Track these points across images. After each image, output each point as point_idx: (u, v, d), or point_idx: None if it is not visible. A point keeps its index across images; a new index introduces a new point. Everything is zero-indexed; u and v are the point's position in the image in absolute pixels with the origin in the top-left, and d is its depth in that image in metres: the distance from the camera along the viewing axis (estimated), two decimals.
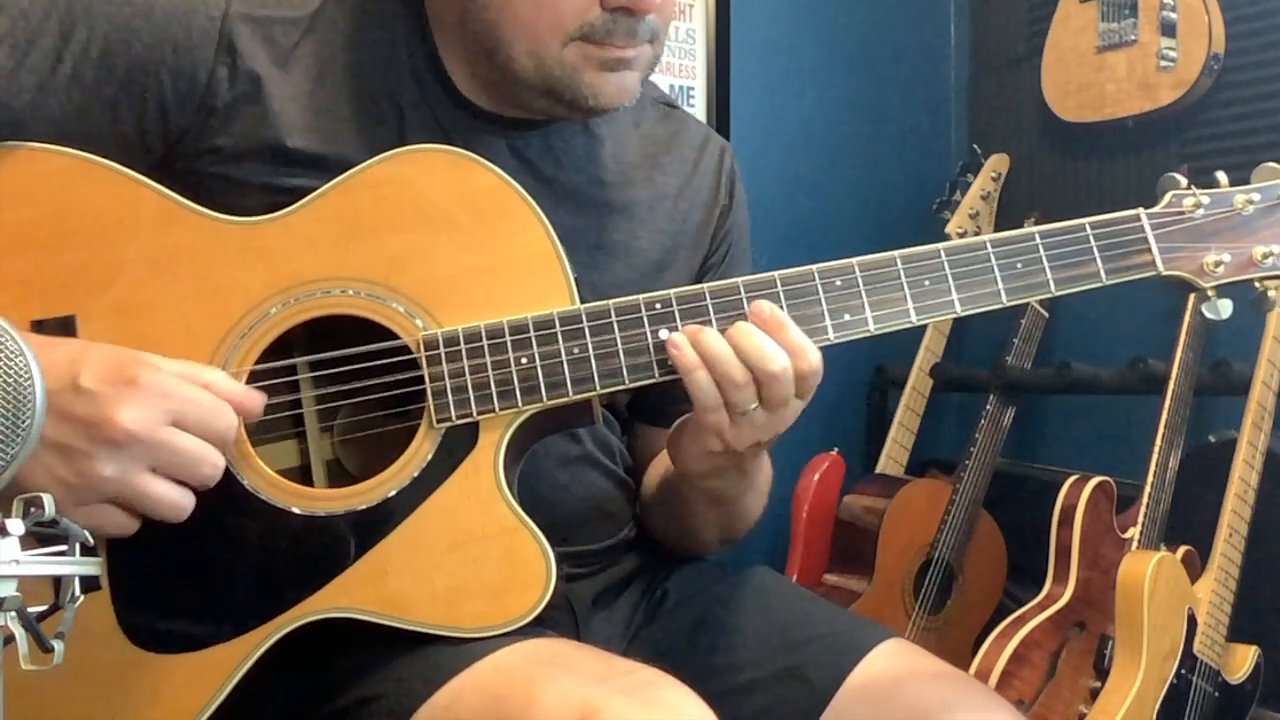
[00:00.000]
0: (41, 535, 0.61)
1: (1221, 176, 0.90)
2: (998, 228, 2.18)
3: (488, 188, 0.86)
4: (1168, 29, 1.92)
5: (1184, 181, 0.89)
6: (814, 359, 0.84)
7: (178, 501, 0.76)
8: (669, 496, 1.01)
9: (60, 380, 0.73)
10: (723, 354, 0.82)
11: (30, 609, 0.59)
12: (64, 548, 0.62)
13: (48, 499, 0.60)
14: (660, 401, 1.05)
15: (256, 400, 0.81)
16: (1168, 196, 0.89)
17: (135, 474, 0.74)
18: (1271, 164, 0.89)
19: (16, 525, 0.58)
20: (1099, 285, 0.87)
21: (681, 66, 2.15)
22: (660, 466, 1.05)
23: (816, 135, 2.29)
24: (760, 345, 0.82)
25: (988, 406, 2.03)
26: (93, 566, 0.64)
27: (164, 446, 0.75)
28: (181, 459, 0.76)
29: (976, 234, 2.14)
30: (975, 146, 2.27)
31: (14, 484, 0.60)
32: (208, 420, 0.77)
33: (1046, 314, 2.09)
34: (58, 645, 0.61)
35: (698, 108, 2.16)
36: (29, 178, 0.84)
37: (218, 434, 0.77)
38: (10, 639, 0.58)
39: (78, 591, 0.63)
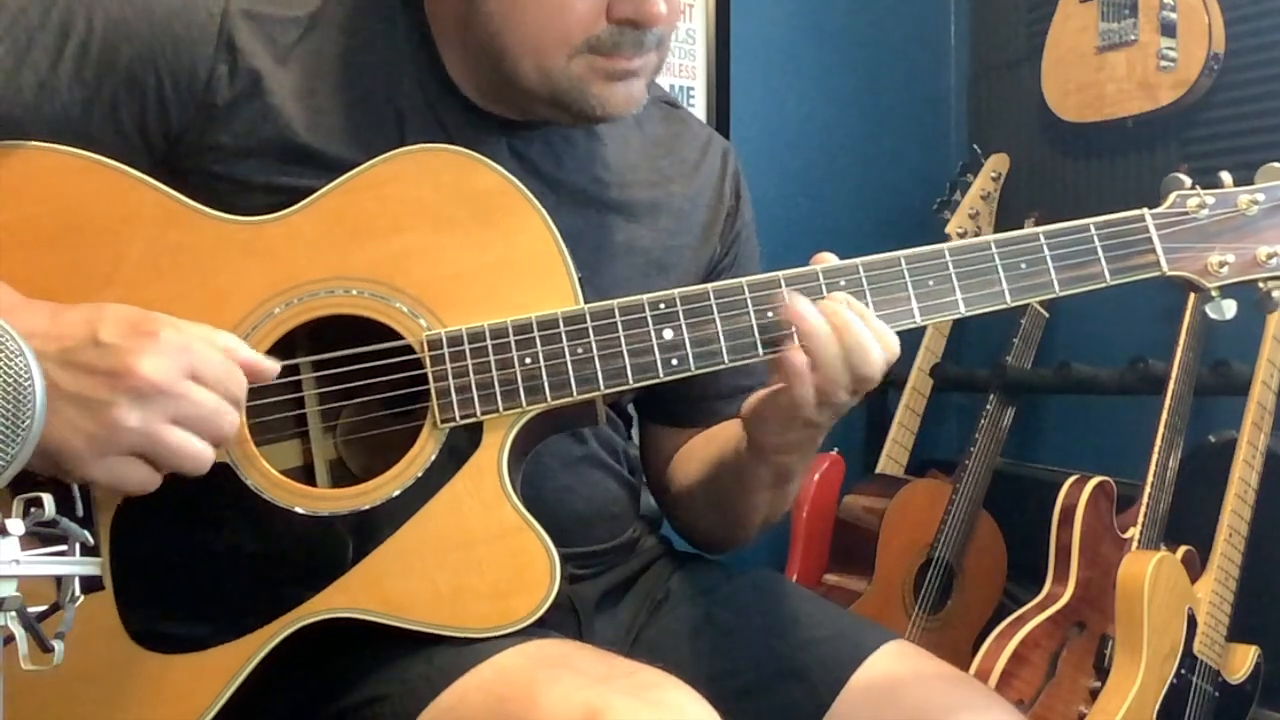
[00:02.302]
0: (41, 535, 0.61)
1: (1226, 176, 0.90)
2: (998, 228, 2.18)
3: (491, 187, 0.86)
4: (1168, 29, 1.92)
5: (1188, 181, 0.89)
6: (897, 347, 0.85)
7: (200, 452, 0.76)
8: (725, 479, 1.00)
9: (79, 338, 0.74)
10: (833, 358, 0.82)
11: (30, 609, 0.59)
12: (64, 548, 0.62)
13: (48, 499, 0.60)
14: (672, 400, 1.05)
15: (270, 367, 0.80)
16: (1172, 197, 0.89)
17: (157, 423, 0.74)
18: (1276, 164, 0.89)
19: (16, 525, 0.58)
20: (1103, 285, 0.87)
21: (681, 66, 2.15)
22: (699, 457, 1.05)
23: (816, 135, 2.29)
24: (867, 347, 0.82)
25: (988, 406, 2.03)
26: (93, 566, 0.64)
27: (184, 398, 0.75)
28: (201, 411, 0.76)
29: (977, 234, 2.14)
30: (975, 146, 2.27)
31: (39, 443, 0.60)
32: (222, 378, 0.77)
33: (1046, 314, 2.10)
34: (58, 645, 0.60)
35: (698, 108, 2.16)
36: (31, 176, 0.83)
37: (230, 394, 0.77)
38: (10, 639, 0.58)
39: (78, 591, 0.63)
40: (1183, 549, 1.61)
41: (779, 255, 0.97)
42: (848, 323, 0.83)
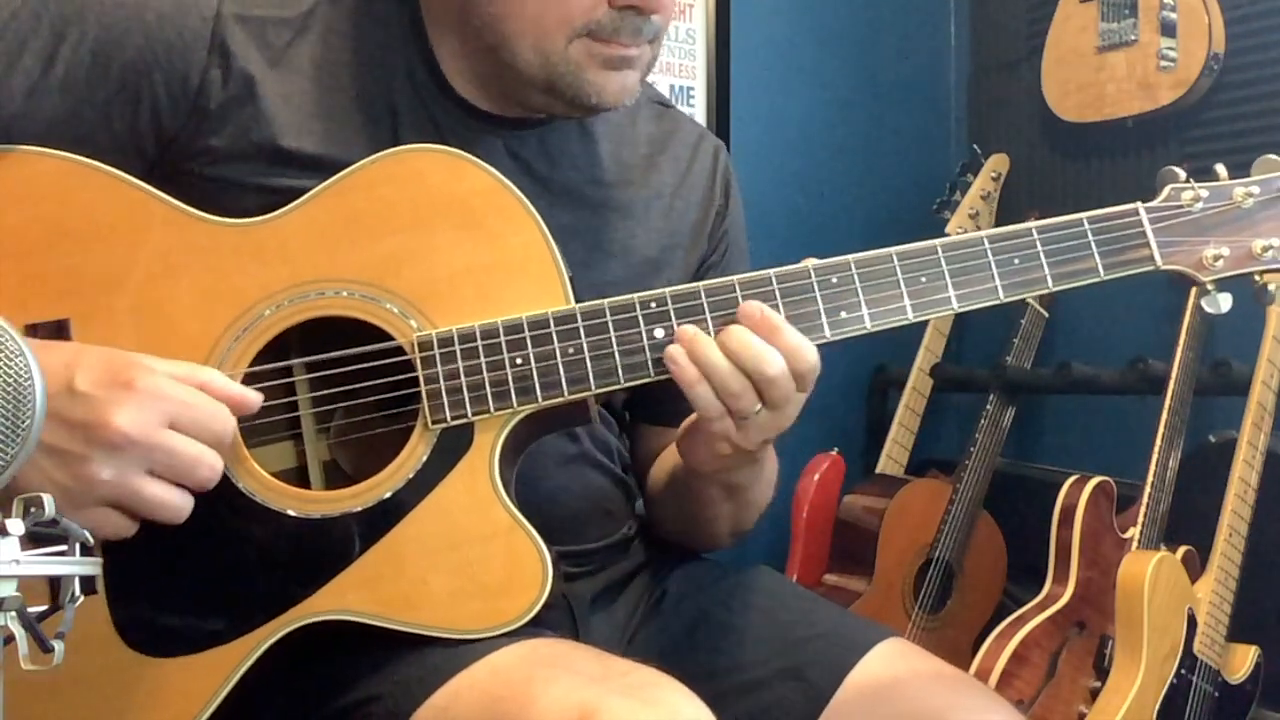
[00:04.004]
0: (41, 535, 0.61)
1: (1221, 169, 0.89)
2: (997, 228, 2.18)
3: (482, 187, 0.86)
4: (1168, 29, 1.92)
5: (1183, 175, 0.88)
6: (811, 358, 0.84)
7: (175, 504, 0.76)
8: (681, 491, 1.01)
9: (55, 384, 0.73)
10: (720, 365, 0.82)
11: (30, 609, 0.59)
12: (64, 548, 0.62)
13: (48, 499, 0.60)
14: (659, 400, 1.05)
15: (253, 399, 0.80)
16: (1166, 190, 0.88)
17: (132, 477, 0.74)
18: (1271, 156, 0.88)
19: (16, 525, 0.58)
20: (1097, 280, 0.87)
21: (681, 66, 2.15)
22: (668, 462, 1.05)
23: (816, 135, 2.29)
24: (756, 351, 0.82)
25: (988, 406, 2.03)
26: (92, 566, 0.64)
27: (160, 449, 0.74)
28: (178, 461, 0.75)
29: None
30: (975, 146, 2.27)
31: (11, 486, 0.60)
32: (204, 422, 0.76)
33: (1046, 314, 2.09)
34: (58, 645, 0.60)
35: (698, 108, 2.16)
36: (23, 181, 0.84)
37: (215, 435, 0.77)
38: (10, 639, 0.58)
39: (77, 592, 0.63)
40: (1183, 549, 1.60)
41: (778, 255, 0.97)
42: (730, 332, 0.82)
